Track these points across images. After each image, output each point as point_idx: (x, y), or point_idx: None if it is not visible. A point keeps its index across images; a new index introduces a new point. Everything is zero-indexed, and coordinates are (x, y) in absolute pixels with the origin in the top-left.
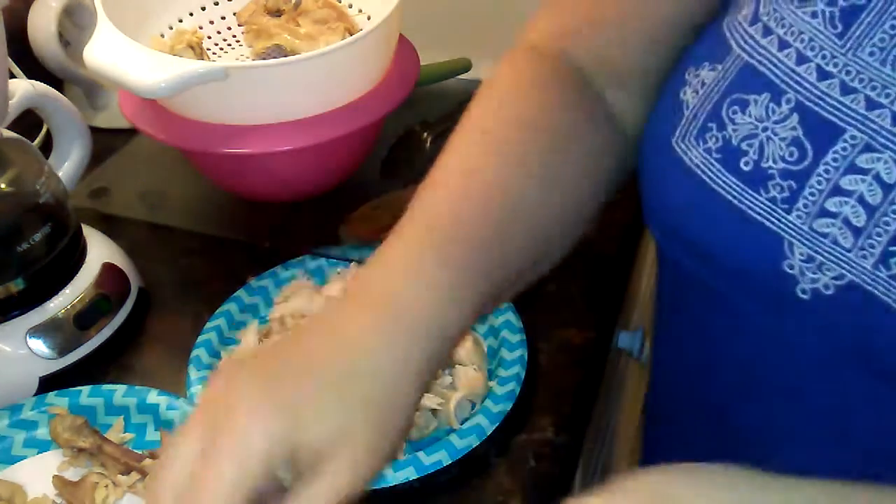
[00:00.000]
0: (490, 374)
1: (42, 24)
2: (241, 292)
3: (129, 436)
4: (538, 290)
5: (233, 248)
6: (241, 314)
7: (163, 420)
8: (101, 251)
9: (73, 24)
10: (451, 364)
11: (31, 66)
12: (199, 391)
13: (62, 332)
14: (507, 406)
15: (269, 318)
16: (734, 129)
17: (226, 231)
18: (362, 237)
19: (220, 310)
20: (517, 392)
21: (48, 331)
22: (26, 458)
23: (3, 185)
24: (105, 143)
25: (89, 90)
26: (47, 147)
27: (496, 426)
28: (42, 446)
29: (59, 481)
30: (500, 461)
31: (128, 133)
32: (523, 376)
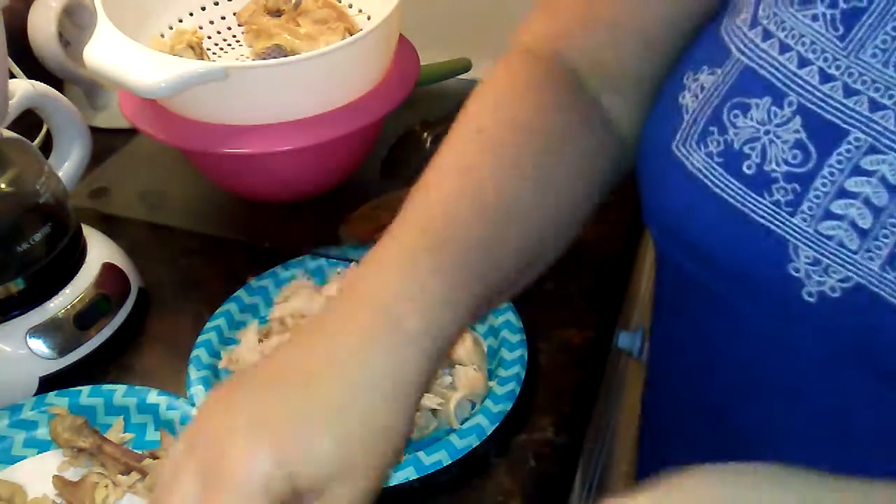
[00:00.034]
0: (490, 374)
1: (42, 24)
2: (241, 292)
3: (129, 436)
4: (538, 290)
5: (233, 248)
6: (241, 314)
7: (163, 420)
8: (101, 251)
9: (73, 24)
10: (450, 364)
11: (31, 66)
12: (198, 394)
13: (62, 332)
14: (507, 406)
15: (269, 318)
16: (736, 133)
17: (226, 231)
18: (362, 237)
19: (220, 310)
20: (517, 392)
21: (48, 331)
22: (26, 458)
23: (3, 185)
24: (105, 143)
25: (89, 90)
26: (47, 147)
27: (496, 426)
28: (42, 446)
29: (59, 481)
30: (500, 461)
31: (128, 133)
32: (523, 376)
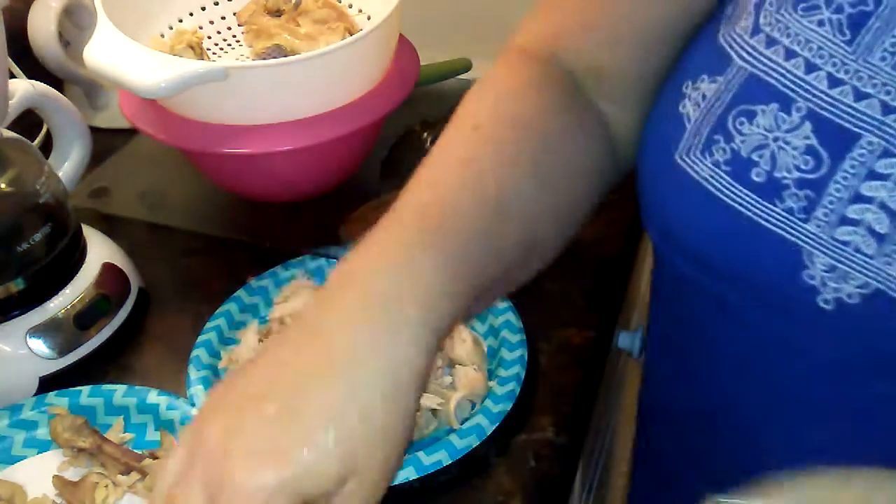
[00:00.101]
0: (490, 374)
1: (42, 24)
2: (241, 292)
3: (129, 436)
4: (538, 290)
5: (233, 248)
6: (241, 314)
7: (163, 420)
8: (101, 251)
9: (73, 24)
10: (450, 364)
11: (31, 66)
12: (198, 394)
13: (62, 332)
14: (507, 406)
15: (269, 318)
16: (742, 141)
17: (226, 231)
18: (362, 237)
19: (220, 310)
20: (517, 392)
21: (48, 331)
22: (26, 458)
23: (3, 185)
24: (105, 143)
25: (89, 90)
26: (47, 147)
27: (496, 426)
28: (42, 446)
29: (59, 481)
30: (500, 461)
31: (128, 133)
32: (523, 376)
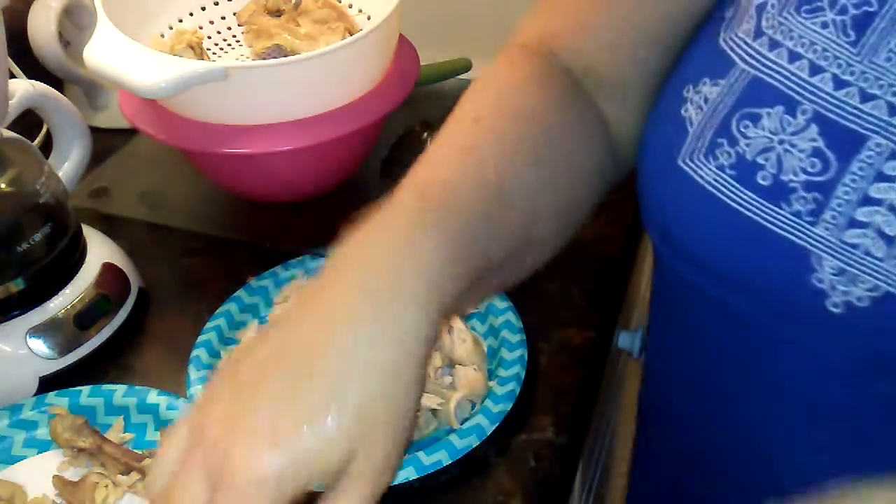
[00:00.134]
0: (490, 374)
1: (42, 24)
2: (241, 292)
3: (129, 436)
4: (538, 290)
5: (233, 248)
6: (241, 314)
7: (163, 420)
8: (101, 251)
9: (73, 24)
10: (450, 364)
11: (31, 66)
12: (197, 394)
13: (62, 332)
14: (507, 406)
15: (268, 319)
16: (747, 144)
17: (226, 231)
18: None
19: (220, 310)
20: (517, 392)
21: (48, 331)
22: (26, 458)
23: (3, 185)
24: (105, 143)
25: (89, 90)
26: (47, 147)
27: (496, 426)
28: (42, 446)
29: (59, 481)
30: (500, 461)
31: (128, 133)
32: (523, 376)
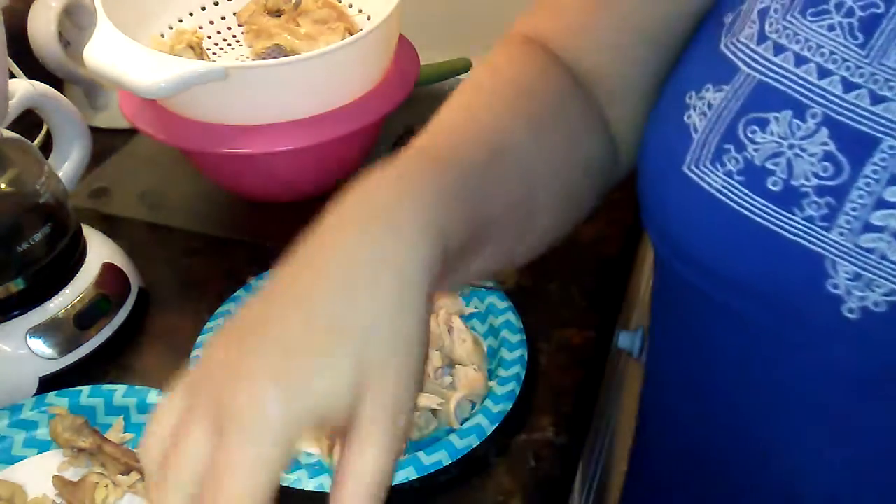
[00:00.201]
0: (490, 374)
1: (42, 24)
2: (241, 292)
3: (129, 436)
4: (538, 290)
5: (233, 248)
6: None
7: None
8: (101, 251)
9: (73, 24)
10: (450, 364)
11: (31, 66)
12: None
13: (62, 332)
14: (507, 406)
15: None
16: (755, 149)
17: (226, 231)
18: None
19: (220, 310)
20: (517, 392)
21: (48, 331)
22: (26, 458)
23: (3, 185)
24: (105, 143)
25: (89, 90)
26: (47, 147)
27: (496, 426)
28: (42, 446)
29: (59, 481)
30: (500, 461)
31: (128, 133)
32: (523, 376)
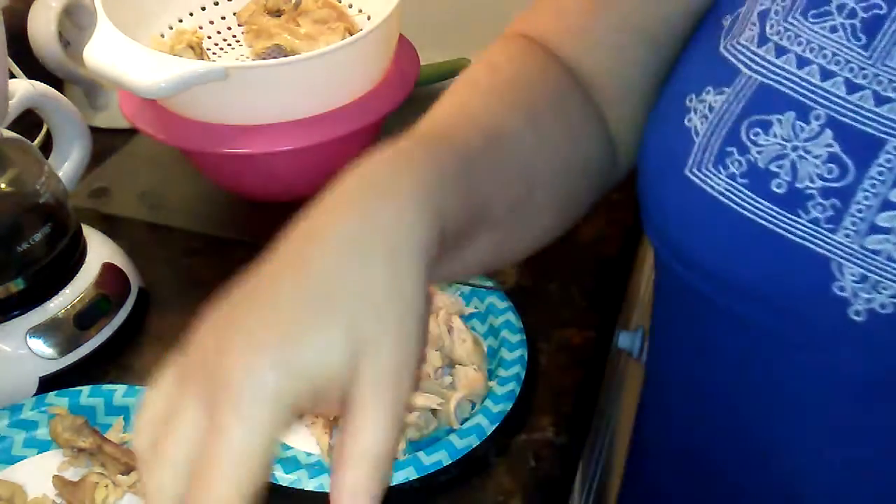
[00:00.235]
0: (490, 374)
1: (42, 24)
2: None
3: (129, 436)
4: (538, 290)
5: (233, 248)
6: None
7: None
8: (101, 251)
9: (73, 24)
10: (450, 364)
11: (31, 66)
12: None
13: (62, 332)
14: (507, 406)
15: None
16: (759, 152)
17: (226, 231)
18: None
19: None
20: (517, 392)
21: (48, 331)
22: (26, 458)
23: (3, 185)
24: (105, 143)
25: (89, 90)
26: (47, 147)
27: (496, 426)
28: (42, 446)
29: (59, 481)
30: (500, 461)
31: (128, 133)
32: (523, 376)
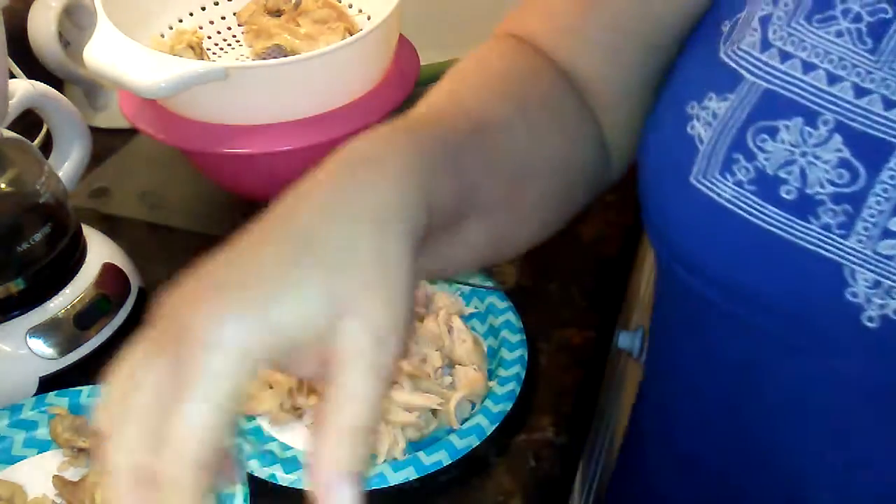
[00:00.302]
0: (490, 374)
1: (42, 24)
2: None
3: None
4: (538, 290)
5: None
6: None
7: None
8: (101, 251)
9: (73, 24)
10: (450, 364)
11: (31, 66)
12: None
13: (62, 332)
14: (507, 406)
15: None
16: (766, 158)
17: (226, 231)
18: None
19: None
20: (517, 392)
21: (48, 331)
22: (26, 458)
23: (3, 185)
24: (105, 143)
25: (89, 90)
26: (47, 147)
27: (496, 426)
28: (42, 446)
29: (59, 481)
30: (500, 461)
31: (128, 133)
32: (523, 376)
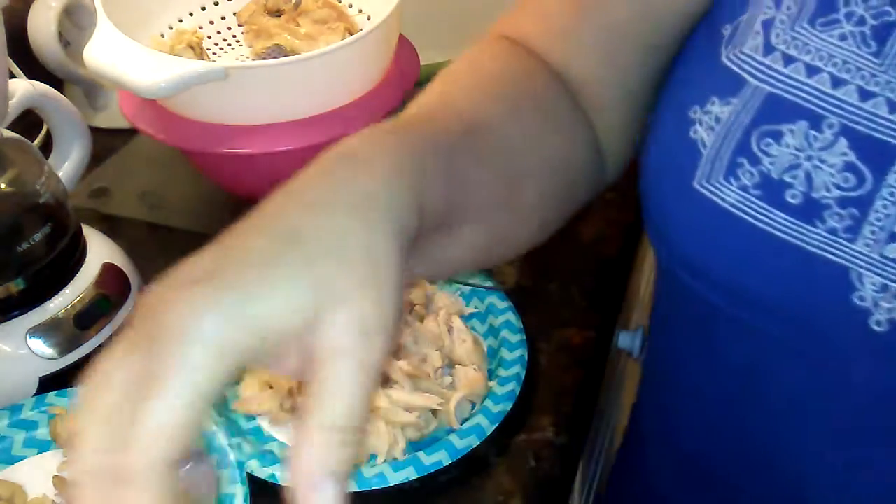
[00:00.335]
0: (490, 374)
1: (42, 24)
2: None
3: None
4: (538, 290)
5: None
6: None
7: None
8: (101, 251)
9: (73, 24)
10: (450, 364)
11: (31, 66)
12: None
13: (62, 332)
14: (507, 406)
15: None
16: (771, 162)
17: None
18: None
19: None
20: (517, 392)
21: (48, 331)
22: (26, 458)
23: (3, 185)
24: (105, 143)
25: (89, 90)
26: (47, 147)
27: (496, 426)
28: (42, 446)
29: (59, 481)
30: (500, 461)
31: (128, 133)
32: (523, 376)
